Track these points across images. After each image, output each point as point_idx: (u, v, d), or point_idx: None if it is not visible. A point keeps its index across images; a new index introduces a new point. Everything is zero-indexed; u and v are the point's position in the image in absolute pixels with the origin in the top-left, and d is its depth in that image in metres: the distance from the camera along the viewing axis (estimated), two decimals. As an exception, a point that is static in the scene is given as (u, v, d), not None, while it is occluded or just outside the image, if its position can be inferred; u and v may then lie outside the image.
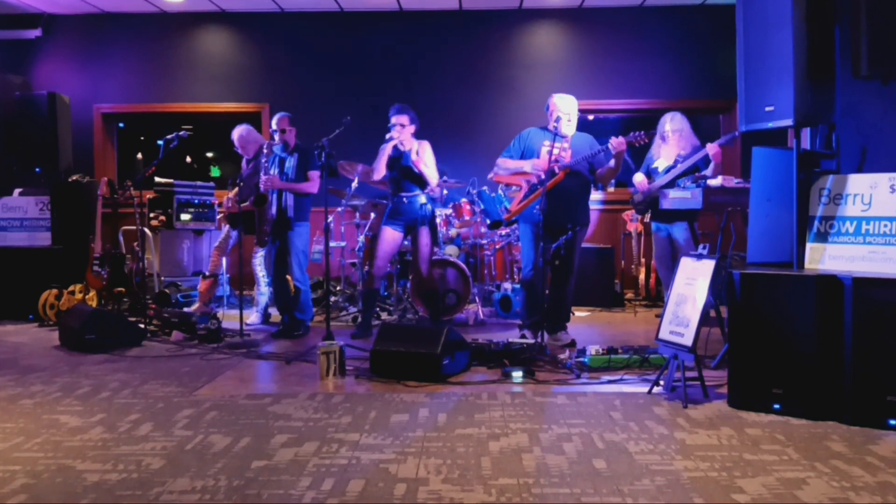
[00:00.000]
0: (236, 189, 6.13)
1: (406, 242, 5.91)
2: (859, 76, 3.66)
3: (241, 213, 5.79)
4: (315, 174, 5.66)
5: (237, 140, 6.17)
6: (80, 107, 7.99)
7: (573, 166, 5.02)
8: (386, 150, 5.55)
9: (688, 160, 5.37)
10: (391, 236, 5.64)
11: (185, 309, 6.27)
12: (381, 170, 5.60)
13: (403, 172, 5.61)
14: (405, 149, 5.58)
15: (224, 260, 6.31)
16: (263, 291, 6.30)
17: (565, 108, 5.09)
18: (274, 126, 5.72)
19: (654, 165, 5.67)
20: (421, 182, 5.62)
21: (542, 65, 8.13)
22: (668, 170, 5.49)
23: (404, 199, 5.62)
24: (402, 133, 5.53)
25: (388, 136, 5.53)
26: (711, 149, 5.18)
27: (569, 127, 5.07)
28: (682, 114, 5.68)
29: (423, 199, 5.65)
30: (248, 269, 6.37)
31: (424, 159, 5.59)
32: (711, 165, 5.22)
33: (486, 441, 3.09)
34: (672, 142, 5.57)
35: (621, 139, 4.87)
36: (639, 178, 5.64)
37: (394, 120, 5.55)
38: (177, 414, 3.54)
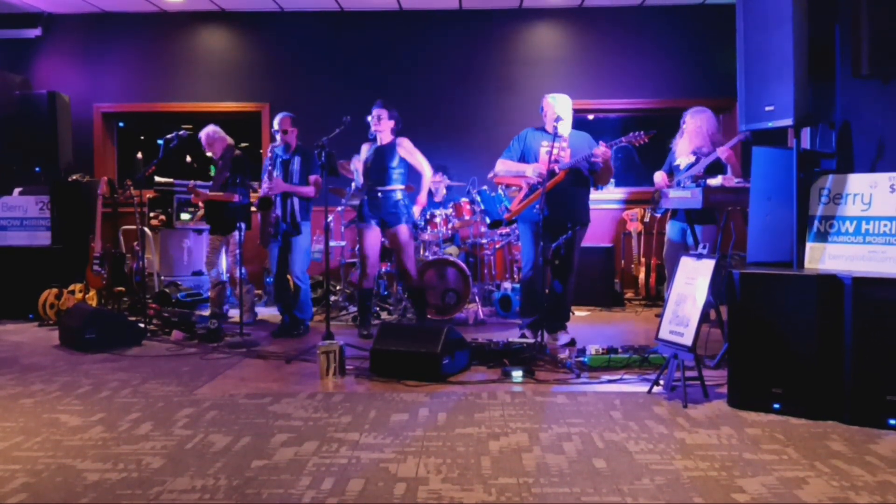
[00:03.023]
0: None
1: (384, 241, 5.87)
2: (859, 76, 3.66)
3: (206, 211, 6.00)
4: (316, 178, 5.66)
5: (204, 139, 6.17)
6: (80, 106, 7.98)
7: (573, 166, 5.02)
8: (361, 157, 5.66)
9: (706, 159, 5.27)
10: (371, 233, 5.60)
11: (201, 314, 6.24)
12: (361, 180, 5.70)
13: (378, 166, 5.56)
14: (380, 143, 5.58)
15: (225, 262, 6.29)
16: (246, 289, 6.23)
17: (560, 108, 5.08)
18: (276, 126, 5.71)
19: (676, 163, 5.60)
20: (396, 178, 5.56)
21: (542, 64, 8.12)
22: (689, 167, 5.42)
23: (378, 195, 5.56)
24: (380, 127, 5.53)
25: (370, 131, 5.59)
26: (723, 153, 5.12)
27: (565, 126, 5.06)
28: (707, 110, 5.53)
29: (398, 195, 5.55)
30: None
31: (414, 154, 5.62)
32: (728, 169, 5.13)
33: (486, 440, 3.09)
34: (685, 138, 5.49)
35: (606, 149, 4.88)
36: (658, 176, 5.55)
37: (372, 114, 5.55)
38: (177, 413, 3.55)
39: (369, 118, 5.55)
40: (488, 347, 4.64)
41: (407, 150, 5.60)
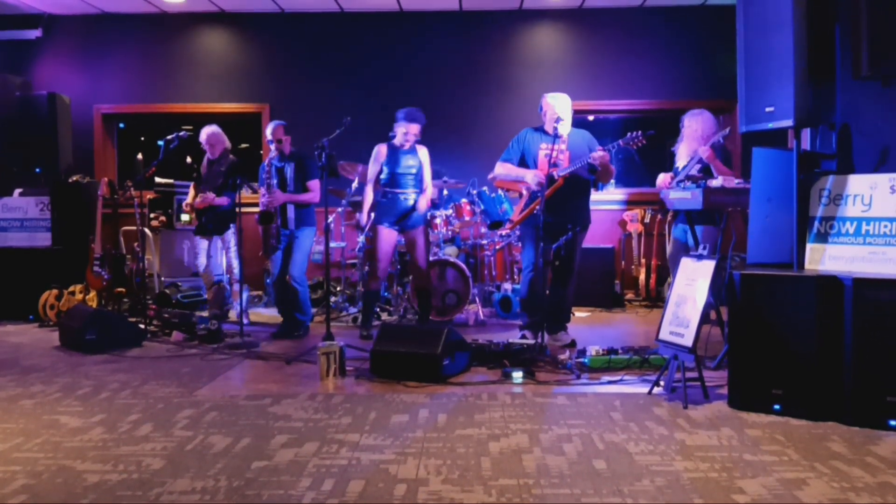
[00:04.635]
0: (192, 194, 6.12)
1: (400, 241, 5.90)
2: (859, 77, 3.66)
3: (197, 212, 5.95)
4: (315, 184, 5.67)
5: (206, 139, 6.11)
6: (80, 107, 7.98)
7: (572, 172, 5.00)
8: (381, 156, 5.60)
9: (692, 161, 5.30)
10: (387, 235, 5.62)
11: (201, 314, 6.22)
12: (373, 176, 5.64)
13: (399, 170, 5.60)
14: (402, 147, 5.60)
15: (224, 261, 6.29)
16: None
17: (559, 108, 5.08)
18: (269, 136, 5.70)
19: (677, 165, 5.62)
20: (415, 182, 5.64)
21: (542, 65, 8.12)
22: (685, 168, 5.44)
23: (400, 197, 5.61)
24: (412, 140, 5.60)
25: (393, 137, 5.59)
26: (704, 152, 5.15)
27: (564, 126, 5.05)
28: (704, 111, 5.54)
29: (415, 197, 5.64)
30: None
31: (427, 166, 5.70)
32: (713, 169, 5.16)
33: (487, 441, 3.09)
34: (684, 141, 5.52)
35: (604, 154, 4.89)
36: (661, 178, 5.57)
37: (406, 128, 5.56)
38: (177, 414, 3.55)
39: (402, 134, 5.56)
40: (488, 348, 4.63)
41: (426, 159, 5.70)
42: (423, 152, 5.69)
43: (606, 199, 8.02)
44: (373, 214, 5.71)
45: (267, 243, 5.69)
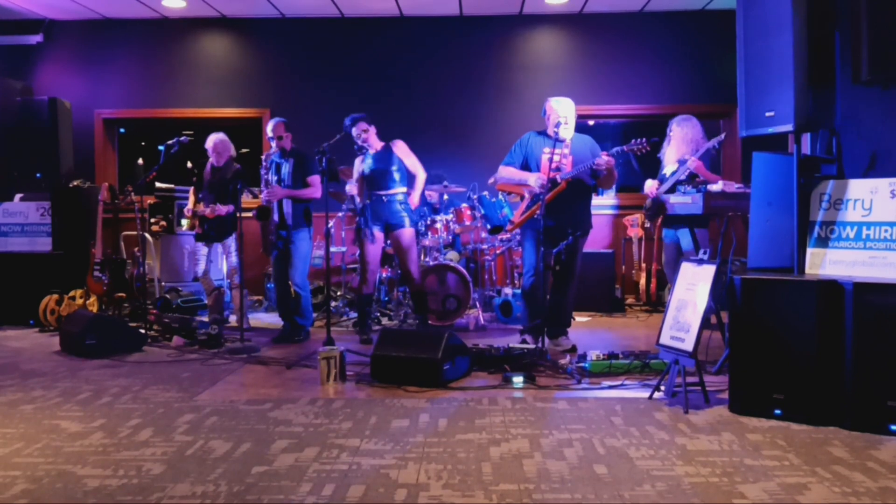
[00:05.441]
0: (193, 199, 6.10)
1: (386, 246, 5.89)
2: (859, 81, 3.67)
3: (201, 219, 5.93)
4: (315, 179, 5.67)
5: (213, 146, 6.05)
6: (81, 112, 8.00)
7: (575, 176, 5.00)
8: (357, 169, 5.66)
9: (681, 168, 5.31)
10: (373, 239, 5.61)
11: (201, 319, 6.20)
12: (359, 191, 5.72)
13: (379, 172, 5.60)
14: (374, 151, 5.63)
15: (224, 267, 6.29)
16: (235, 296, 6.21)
17: (563, 112, 5.08)
18: (270, 133, 5.72)
19: (664, 171, 5.63)
20: (398, 180, 5.63)
21: (542, 70, 8.14)
22: (673, 174, 5.45)
23: (383, 199, 5.61)
24: (369, 138, 5.61)
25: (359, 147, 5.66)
26: (692, 163, 5.15)
27: (567, 130, 5.05)
28: (693, 118, 5.58)
29: (400, 197, 5.63)
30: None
31: (410, 155, 5.70)
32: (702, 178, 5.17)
33: (487, 446, 3.08)
34: (672, 146, 5.54)
35: (609, 159, 4.89)
36: (649, 183, 5.56)
37: (356, 132, 5.58)
38: (177, 419, 3.54)
39: (356, 138, 5.59)
40: (489, 353, 4.64)
41: (403, 151, 5.67)
42: (398, 147, 5.66)
43: (606, 203, 8.02)
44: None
45: (266, 240, 5.69)
